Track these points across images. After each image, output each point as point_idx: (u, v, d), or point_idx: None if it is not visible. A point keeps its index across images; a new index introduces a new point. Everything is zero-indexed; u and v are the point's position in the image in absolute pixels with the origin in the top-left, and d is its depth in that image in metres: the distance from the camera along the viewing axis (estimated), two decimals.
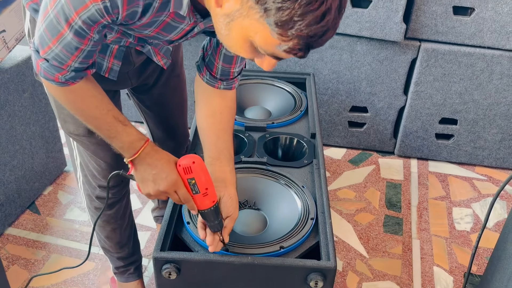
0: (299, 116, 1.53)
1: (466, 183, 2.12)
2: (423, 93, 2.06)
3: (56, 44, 0.83)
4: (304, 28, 0.69)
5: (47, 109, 1.89)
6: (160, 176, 0.94)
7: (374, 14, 1.88)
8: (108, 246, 1.41)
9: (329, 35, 0.73)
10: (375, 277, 1.66)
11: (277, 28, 0.70)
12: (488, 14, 1.85)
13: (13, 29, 1.58)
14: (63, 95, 0.93)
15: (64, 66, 0.87)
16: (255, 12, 0.71)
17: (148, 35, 0.91)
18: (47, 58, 0.86)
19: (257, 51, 0.78)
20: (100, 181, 1.26)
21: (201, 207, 0.98)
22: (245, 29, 0.75)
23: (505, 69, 1.95)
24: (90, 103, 0.94)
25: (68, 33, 0.81)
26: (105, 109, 0.94)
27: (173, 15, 0.85)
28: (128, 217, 1.39)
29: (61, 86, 0.90)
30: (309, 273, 0.99)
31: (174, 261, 1.00)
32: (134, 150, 0.95)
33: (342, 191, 2.04)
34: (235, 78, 1.10)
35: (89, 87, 0.93)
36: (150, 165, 0.95)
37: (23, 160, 1.80)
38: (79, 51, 0.85)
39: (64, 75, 0.88)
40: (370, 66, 2.05)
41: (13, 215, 1.81)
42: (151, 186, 0.96)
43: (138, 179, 0.98)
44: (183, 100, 1.40)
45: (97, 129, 0.97)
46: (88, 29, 0.80)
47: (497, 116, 2.06)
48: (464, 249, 1.79)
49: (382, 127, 2.21)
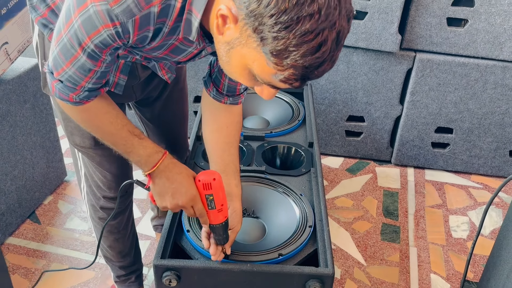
0: (297, 126, 1.55)
1: (462, 191, 2.14)
2: (419, 102, 2.09)
3: (70, 67, 0.85)
4: (299, 58, 0.70)
5: (48, 120, 1.91)
6: (179, 191, 0.95)
7: (370, 25, 1.91)
8: (110, 255, 1.42)
9: (325, 67, 0.74)
10: (373, 284, 1.68)
11: (272, 57, 0.71)
12: (481, 25, 1.88)
13: (16, 41, 1.60)
14: (78, 114, 0.95)
15: (78, 87, 0.88)
16: (253, 41, 0.72)
17: (157, 56, 0.93)
18: (61, 79, 0.88)
19: (256, 79, 0.79)
20: (105, 192, 1.27)
21: (214, 221, 0.99)
22: (243, 57, 0.76)
23: (499, 78, 1.98)
24: (105, 120, 0.95)
25: (82, 56, 0.83)
26: (120, 124, 0.95)
27: (182, 39, 0.86)
28: (130, 227, 1.41)
29: (75, 106, 0.92)
30: (307, 280, 1.01)
31: (175, 268, 1.02)
32: (152, 164, 0.95)
33: (340, 200, 2.06)
34: (241, 94, 1.12)
35: (103, 104, 0.94)
36: (169, 179, 0.95)
37: (24, 170, 1.82)
38: (92, 73, 0.86)
39: (78, 95, 0.90)
40: (366, 76, 2.08)
41: (14, 224, 1.82)
42: (169, 200, 0.96)
43: (156, 192, 0.98)
44: (185, 113, 1.42)
45: (114, 145, 0.97)
46: (101, 52, 0.82)
47: (492, 125, 2.09)
48: (461, 257, 1.81)
49: (379, 136, 2.24)
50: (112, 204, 1.29)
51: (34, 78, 1.80)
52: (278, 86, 0.78)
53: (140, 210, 1.97)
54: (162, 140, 1.43)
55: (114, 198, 1.28)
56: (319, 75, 0.75)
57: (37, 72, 1.82)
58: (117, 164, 1.21)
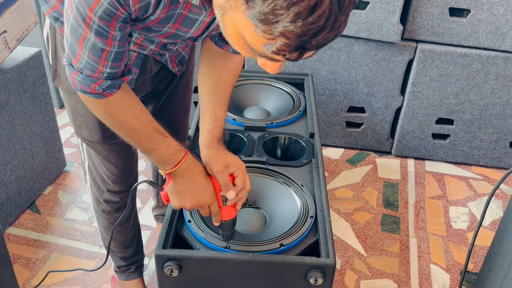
0: (297, 116, 1.55)
1: (462, 183, 2.14)
2: (420, 93, 2.08)
3: (83, 49, 0.82)
4: (289, 24, 0.59)
5: (47, 110, 1.90)
6: (200, 191, 0.93)
7: (372, 16, 1.90)
8: (112, 247, 1.43)
9: (325, 36, 0.62)
10: (373, 275, 1.68)
11: (260, 23, 0.61)
12: (483, 15, 1.87)
13: (15, 29, 1.59)
14: (102, 108, 0.90)
15: (97, 74, 0.84)
16: (241, 4, 0.63)
17: (169, 33, 0.88)
18: (80, 68, 0.85)
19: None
20: (109, 186, 1.26)
21: (225, 217, 0.99)
22: (236, 24, 0.67)
23: (501, 69, 1.97)
24: (131, 115, 0.91)
25: (90, 35, 0.80)
26: (146, 120, 0.92)
27: (189, 5, 0.81)
28: (133, 219, 1.41)
29: (99, 99, 0.88)
30: (309, 270, 1.01)
31: (176, 258, 1.02)
32: (174, 162, 0.93)
33: (340, 191, 2.06)
34: None
35: (127, 98, 0.91)
36: (191, 178, 0.94)
37: (24, 160, 1.81)
38: (106, 53, 0.82)
39: (101, 85, 0.86)
40: (367, 67, 2.07)
41: (14, 214, 1.82)
42: (189, 200, 0.94)
43: (176, 191, 0.95)
44: (187, 106, 1.41)
45: (137, 142, 0.93)
46: (108, 26, 0.78)
47: (493, 116, 2.09)
48: (461, 247, 1.81)
49: (379, 127, 2.23)
50: (116, 198, 1.29)
51: (33, 68, 1.79)
52: (274, 58, 0.68)
53: (141, 200, 1.97)
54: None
55: (118, 191, 1.27)
56: (320, 45, 0.63)
57: (37, 61, 1.81)
58: (123, 158, 1.20)
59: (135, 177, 1.31)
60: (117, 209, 1.32)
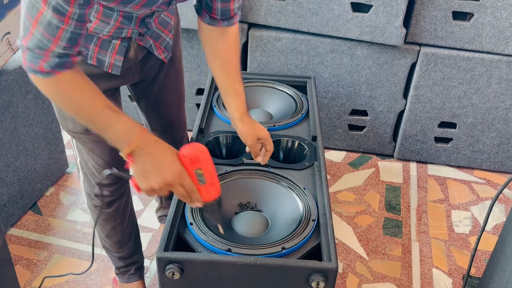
0: (300, 119, 1.55)
1: (464, 186, 2.14)
2: (423, 97, 2.08)
3: (37, 27, 0.79)
4: None
5: (50, 111, 1.91)
6: (165, 168, 0.90)
7: (375, 19, 1.90)
8: (108, 246, 1.42)
9: None
10: (375, 279, 1.68)
11: None
12: (487, 19, 1.87)
13: (18, 31, 1.59)
14: (52, 87, 0.88)
15: (47, 53, 0.82)
16: None
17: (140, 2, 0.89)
18: (30, 47, 0.82)
19: None
20: (98, 179, 1.26)
21: (206, 198, 0.95)
22: None
23: (504, 73, 1.97)
24: (81, 92, 0.89)
25: (47, 11, 0.78)
26: (97, 97, 0.89)
27: None
28: (128, 216, 1.40)
29: (48, 77, 0.85)
30: (310, 274, 1.01)
31: (178, 261, 1.01)
32: (131, 138, 0.89)
33: (342, 194, 2.06)
34: (236, 14, 1.11)
35: (77, 76, 0.89)
36: (152, 156, 0.90)
37: (26, 161, 1.81)
38: (61, 32, 0.80)
39: (48, 62, 0.83)
40: (370, 70, 2.07)
41: (15, 215, 1.82)
42: (154, 179, 0.90)
43: (139, 173, 0.91)
44: (181, 94, 1.42)
45: (91, 122, 0.91)
46: (67, 2, 0.77)
47: (496, 120, 2.08)
48: (463, 252, 1.80)
49: (382, 131, 2.23)
50: (106, 192, 1.29)
51: None
52: None
53: (142, 202, 1.97)
54: (159, 123, 1.42)
55: (107, 185, 1.27)
56: None
57: None
58: (109, 150, 1.19)
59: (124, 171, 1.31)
60: (108, 203, 1.31)
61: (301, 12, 1.95)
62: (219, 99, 1.62)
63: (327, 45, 2.03)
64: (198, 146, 0.92)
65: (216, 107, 1.58)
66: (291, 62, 2.10)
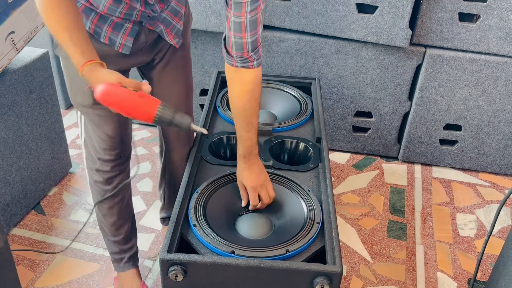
0: (304, 120, 1.54)
1: (470, 189, 2.12)
2: (428, 98, 2.07)
3: None
4: None
5: (53, 111, 1.90)
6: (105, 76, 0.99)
7: (380, 20, 1.89)
8: (105, 227, 1.45)
9: None
10: (379, 282, 1.66)
11: None
12: (493, 21, 1.85)
13: (22, 30, 1.59)
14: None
15: None
16: None
17: None
18: None
19: None
20: (100, 154, 1.32)
21: (151, 111, 0.98)
22: None
23: (510, 75, 1.95)
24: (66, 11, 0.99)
25: None
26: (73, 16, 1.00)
27: None
28: (127, 198, 1.44)
29: None
30: (315, 277, 1.00)
31: (181, 263, 1.01)
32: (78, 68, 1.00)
33: (346, 196, 2.05)
34: (250, 57, 1.12)
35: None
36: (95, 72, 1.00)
37: (29, 160, 1.81)
38: None
39: None
40: (375, 71, 2.06)
41: (18, 215, 1.82)
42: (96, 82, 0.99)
43: (91, 82, 1.01)
44: (189, 84, 1.43)
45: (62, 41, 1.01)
46: None
47: (502, 122, 2.06)
48: (468, 255, 1.79)
49: (387, 132, 2.22)
50: (107, 167, 1.34)
51: (40, 69, 1.79)
52: None
53: (145, 202, 1.96)
54: None
55: (108, 160, 1.33)
56: None
57: (44, 62, 1.81)
58: (114, 126, 1.27)
59: (125, 149, 1.36)
60: (107, 180, 1.36)
61: (306, 12, 1.94)
62: (223, 100, 1.61)
63: (332, 46, 2.02)
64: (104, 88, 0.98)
65: (220, 107, 1.57)
66: (296, 63, 2.09)
